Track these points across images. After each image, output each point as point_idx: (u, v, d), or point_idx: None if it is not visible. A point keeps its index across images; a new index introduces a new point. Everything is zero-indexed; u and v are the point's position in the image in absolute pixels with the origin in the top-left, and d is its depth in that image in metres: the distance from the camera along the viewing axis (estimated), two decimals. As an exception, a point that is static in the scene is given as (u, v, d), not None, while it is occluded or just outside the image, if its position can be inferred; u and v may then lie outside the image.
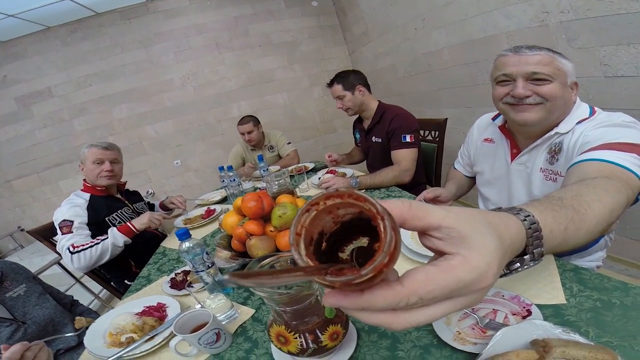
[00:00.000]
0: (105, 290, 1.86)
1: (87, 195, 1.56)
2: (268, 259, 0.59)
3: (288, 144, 2.62)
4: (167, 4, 3.59)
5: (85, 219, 1.46)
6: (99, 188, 1.60)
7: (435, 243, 0.28)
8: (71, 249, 1.34)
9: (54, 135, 3.66)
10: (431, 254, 0.30)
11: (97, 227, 1.48)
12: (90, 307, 2.39)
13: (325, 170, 1.91)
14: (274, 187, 1.09)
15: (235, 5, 3.73)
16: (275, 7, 3.83)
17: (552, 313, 0.61)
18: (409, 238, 0.89)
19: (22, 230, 3.90)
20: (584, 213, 0.44)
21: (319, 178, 1.77)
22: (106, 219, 1.54)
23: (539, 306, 0.62)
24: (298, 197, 1.06)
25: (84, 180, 1.63)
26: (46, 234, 1.59)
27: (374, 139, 1.79)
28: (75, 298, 1.33)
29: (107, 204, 1.60)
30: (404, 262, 0.86)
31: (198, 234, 1.50)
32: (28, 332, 0.96)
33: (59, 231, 1.41)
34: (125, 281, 1.62)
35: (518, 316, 0.63)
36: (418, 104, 2.37)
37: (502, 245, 0.29)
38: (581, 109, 0.88)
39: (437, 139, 1.87)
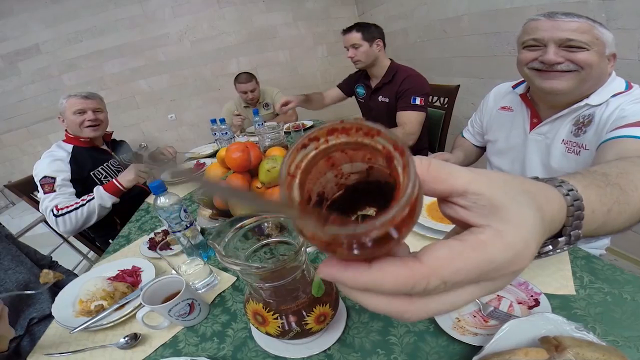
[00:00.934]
0: (92, 252, 1.81)
1: (70, 147, 1.45)
2: (248, 220, 0.48)
3: None
4: (164, -46, 3.28)
5: (69, 175, 1.36)
6: (82, 139, 1.49)
7: (459, 212, 0.21)
8: (55, 211, 1.25)
9: (42, 91, 3.50)
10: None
11: (82, 183, 1.39)
12: (77, 269, 2.39)
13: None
14: (267, 140, 1.00)
15: (238, -44, 3.41)
16: (282, -42, 3.51)
17: (559, 304, 0.56)
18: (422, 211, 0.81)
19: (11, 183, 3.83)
20: (630, 195, 0.35)
21: None
22: (91, 173, 1.45)
23: (547, 296, 0.56)
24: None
25: (66, 130, 1.51)
26: (26, 189, 1.49)
27: (380, 98, 1.70)
28: (57, 259, 1.25)
29: (92, 156, 1.49)
30: (412, 239, 0.77)
31: (186, 189, 1.40)
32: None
33: (40, 189, 1.31)
34: (110, 240, 1.55)
35: (524, 305, 0.56)
36: (428, 70, 2.25)
37: (543, 221, 0.23)
38: (617, 82, 0.82)
39: (446, 106, 1.75)
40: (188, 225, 0.80)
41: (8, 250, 0.99)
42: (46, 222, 1.79)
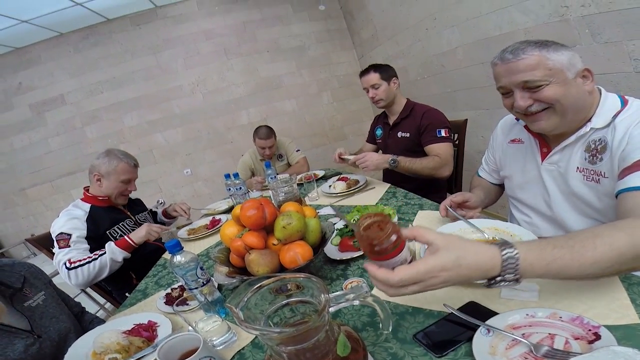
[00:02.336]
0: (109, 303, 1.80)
1: (88, 206, 1.49)
2: (268, 280, 0.48)
3: (297, 151, 2.55)
4: (175, 9, 3.61)
5: (84, 232, 1.39)
6: (100, 198, 1.53)
7: (428, 250, 0.53)
8: (68, 264, 1.28)
9: (66, 144, 3.71)
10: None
11: (97, 241, 1.42)
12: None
13: (337, 177, 1.82)
14: (281, 195, 1.01)
15: (243, 10, 3.72)
16: (282, 11, 3.81)
17: (624, 335, 0.51)
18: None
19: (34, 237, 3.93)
20: (581, 254, 0.52)
21: (330, 186, 1.69)
22: (107, 232, 1.48)
23: (607, 327, 0.52)
24: (306, 205, 0.98)
25: (85, 189, 1.56)
26: (46, 243, 1.54)
27: (400, 134, 1.75)
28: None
29: (109, 215, 1.53)
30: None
31: (202, 245, 1.43)
32: (42, 348, 0.87)
33: (55, 244, 1.34)
34: (126, 294, 1.54)
35: (582, 341, 0.51)
36: (433, 106, 2.27)
37: (456, 263, 0.50)
38: (611, 98, 0.80)
39: (457, 142, 1.77)
40: (204, 282, 0.80)
41: (53, 297, 1.00)
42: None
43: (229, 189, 1.69)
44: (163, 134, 3.80)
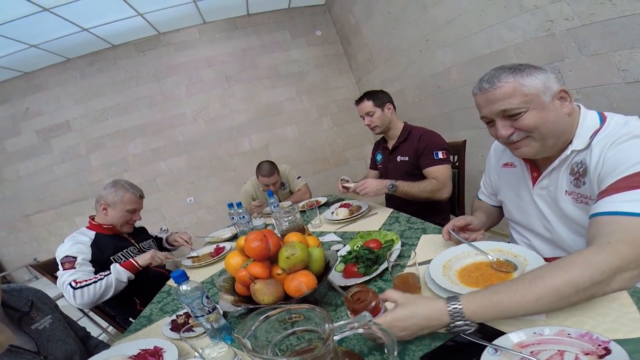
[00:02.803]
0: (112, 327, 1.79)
1: (92, 234, 1.52)
2: (274, 311, 0.49)
3: (298, 178, 2.56)
4: (178, 36, 3.75)
5: (89, 256, 1.41)
6: (105, 226, 1.56)
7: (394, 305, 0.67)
8: (73, 284, 1.29)
9: (71, 171, 3.76)
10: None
11: (101, 265, 1.43)
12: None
13: (339, 204, 1.82)
14: (284, 224, 1.02)
15: (242, 37, 3.86)
16: (281, 38, 3.95)
17: (635, 348, 0.51)
18: (440, 276, 0.81)
19: (37, 261, 3.92)
20: (522, 296, 0.60)
21: (332, 213, 1.69)
22: (111, 257, 1.49)
23: (617, 342, 0.51)
24: (309, 234, 0.99)
25: (91, 217, 1.59)
26: (50, 269, 1.54)
27: (399, 158, 1.76)
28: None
29: (113, 243, 1.55)
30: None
31: (206, 273, 1.43)
32: None
33: (60, 267, 1.35)
34: (130, 319, 1.53)
35: (593, 356, 0.51)
36: (431, 127, 2.29)
37: (409, 315, 0.63)
38: (590, 117, 0.79)
39: (457, 164, 1.78)
40: (210, 310, 0.81)
41: (60, 321, 1.03)
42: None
43: (233, 218, 1.71)
44: (166, 162, 3.84)
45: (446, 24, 2.27)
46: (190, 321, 0.96)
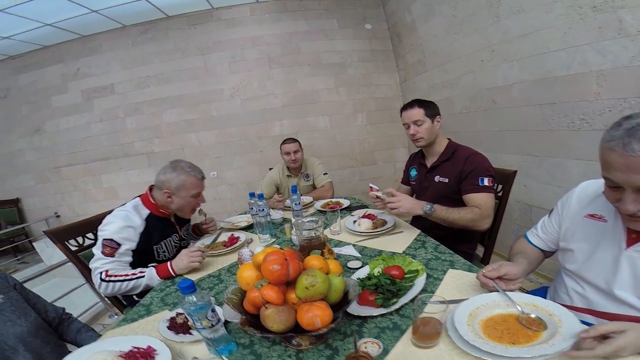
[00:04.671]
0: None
1: (146, 213, 1.40)
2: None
3: (324, 174, 2.47)
4: (230, 12, 3.71)
5: (134, 246, 1.32)
6: (162, 210, 1.44)
7: None
8: (103, 275, 1.23)
9: (106, 131, 3.89)
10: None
11: (142, 254, 1.36)
12: (91, 310, 2.35)
13: (362, 213, 1.68)
14: (305, 234, 0.91)
15: (290, 21, 3.76)
16: (328, 26, 3.80)
17: None
18: (464, 325, 0.73)
19: (58, 216, 4.11)
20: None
21: (355, 222, 1.56)
22: (154, 247, 1.42)
23: None
24: (330, 253, 0.87)
25: (150, 189, 1.46)
26: (63, 236, 1.46)
27: (437, 178, 1.58)
28: (77, 293, 1.22)
29: (162, 229, 1.45)
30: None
31: (216, 265, 1.34)
32: None
33: (100, 247, 1.27)
34: (134, 296, 1.47)
35: None
36: (475, 144, 2.08)
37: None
38: None
39: (501, 194, 1.59)
40: (213, 324, 0.71)
41: (13, 301, 0.97)
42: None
43: (252, 208, 1.62)
44: (197, 134, 3.87)
45: (520, 37, 2.04)
46: (189, 323, 0.89)
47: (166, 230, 1.49)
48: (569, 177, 1.93)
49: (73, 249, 1.48)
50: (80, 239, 1.53)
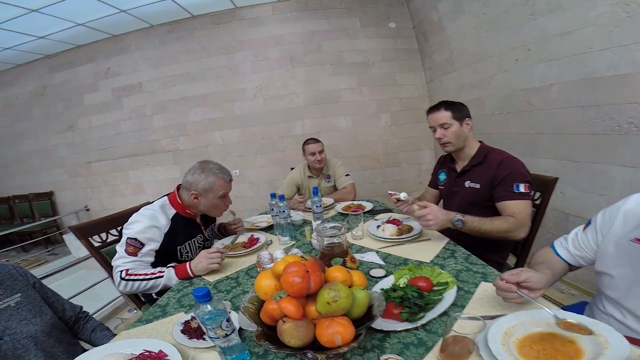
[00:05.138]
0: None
1: (173, 213, 1.39)
2: None
3: (346, 175, 2.41)
4: (252, 12, 3.73)
5: (157, 246, 1.32)
6: (188, 210, 1.44)
7: None
8: (123, 274, 1.24)
9: (134, 128, 4.02)
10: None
11: (165, 255, 1.36)
12: (112, 304, 2.40)
13: (386, 218, 1.61)
14: (326, 240, 0.86)
15: (312, 19, 3.72)
16: (350, 24, 3.74)
17: None
18: (499, 344, 0.67)
19: (87, 209, 4.29)
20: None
21: (378, 227, 1.48)
22: (178, 247, 1.41)
23: None
24: (353, 262, 0.81)
25: (177, 188, 1.45)
26: (87, 232, 1.47)
27: (468, 183, 1.47)
28: (92, 303, 1.24)
29: (186, 230, 1.45)
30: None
31: (235, 266, 1.32)
32: (2, 349, 0.86)
33: (124, 245, 1.28)
34: (153, 294, 1.47)
35: None
36: (508, 148, 1.96)
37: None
38: None
39: (539, 202, 1.47)
40: (228, 334, 0.68)
41: (30, 300, 0.98)
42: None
43: (272, 209, 1.59)
44: (221, 132, 3.92)
45: (559, 36, 1.90)
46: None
47: (191, 230, 1.47)
48: (612, 185, 1.78)
49: (96, 244, 1.50)
50: (103, 235, 1.55)
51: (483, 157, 1.43)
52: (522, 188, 1.29)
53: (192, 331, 0.88)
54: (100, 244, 1.53)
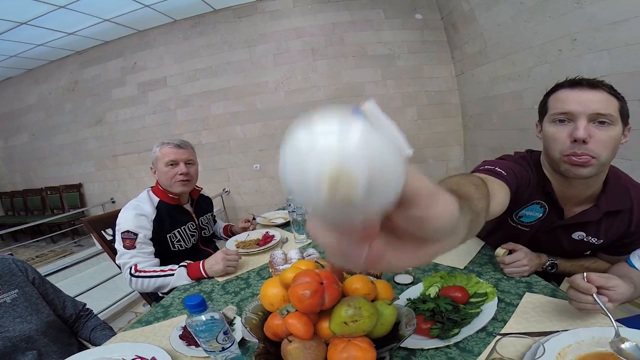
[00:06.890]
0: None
1: (157, 201, 1.38)
2: None
3: None
4: (273, 4, 3.66)
5: (150, 234, 1.31)
6: (170, 195, 1.40)
7: None
8: (133, 270, 1.23)
9: (159, 122, 4.08)
10: None
11: (159, 243, 1.34)
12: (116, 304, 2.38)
13: None
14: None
15: (334, 11, 3.60)
16: (374, 16, 3.58)
17: None
18: None
19: (113, 202, 4.42)
20: None
21: None
22: (167, 235, 1.38)
23: None
24: (377, 275, 0.71)
25: (158, 181, 1.44)
26: (99, 226, 1.48)
27: (579, 235, 0.93)
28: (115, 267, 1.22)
29: (172, 216, 1.41)
30: None
31: (247, 265, 1.26)
32: None
33: (121, 242, 1.26)
34: (159, 293, 1.44)
35: None
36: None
37: None
38: None
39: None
40: (224, 348, 0.60)
41: (27, 297, 0.94)
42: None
43: (289, 205, 1.52)
44: (242, 126, 3.90)
45: (610, 25, 1.74)
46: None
47: (179, 218, 1.43)
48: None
49: (109, 238, 1.49)
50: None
51: (621, 195, 0.88)
52: None
53: (190, 337, 0.81)
54: (112, 237, 1.51)
